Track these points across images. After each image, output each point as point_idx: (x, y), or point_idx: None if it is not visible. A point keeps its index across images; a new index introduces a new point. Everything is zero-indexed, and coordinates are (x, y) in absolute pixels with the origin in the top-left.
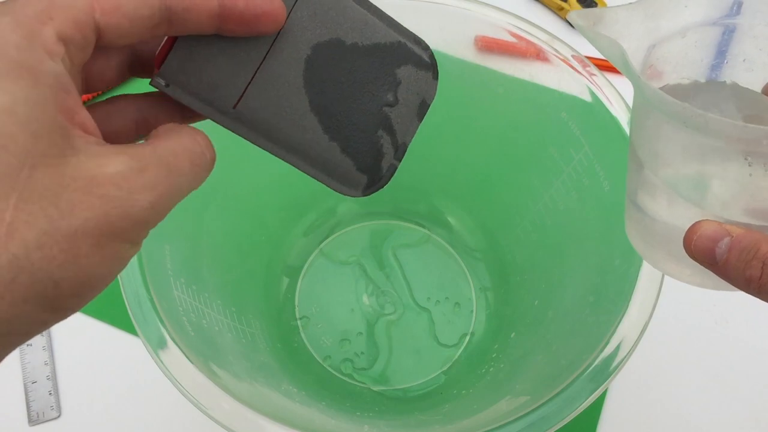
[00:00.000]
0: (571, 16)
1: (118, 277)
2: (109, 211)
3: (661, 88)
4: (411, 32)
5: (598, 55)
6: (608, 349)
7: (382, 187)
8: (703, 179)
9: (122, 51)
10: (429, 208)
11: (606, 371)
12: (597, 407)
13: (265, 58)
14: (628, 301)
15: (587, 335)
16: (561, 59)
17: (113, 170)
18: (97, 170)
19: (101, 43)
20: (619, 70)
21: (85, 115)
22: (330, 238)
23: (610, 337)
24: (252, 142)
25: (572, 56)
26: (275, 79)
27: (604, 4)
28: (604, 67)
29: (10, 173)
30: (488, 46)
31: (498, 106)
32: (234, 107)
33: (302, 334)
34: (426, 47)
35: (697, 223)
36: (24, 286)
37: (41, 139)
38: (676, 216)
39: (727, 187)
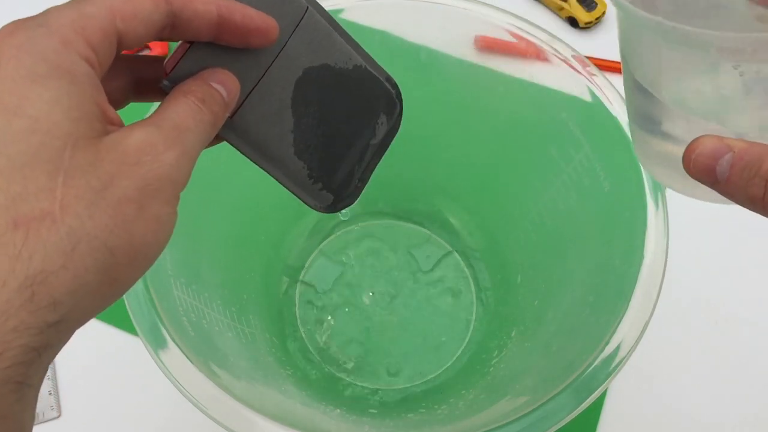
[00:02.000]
0: None
1: None
2: (143, 174)
3: None
4: (384, 71)
5: (598, 55)
6: (608, 349)
7: (348, 206)
8: (701, 93)
9: (126, 74)
10: (429, 208)
11: (606, 371)
12: (597, 407)
13: (263, 76)
14: (628, 301)
15: (587, 335)
16: (561, 59)
17: (138, 138)
18: (125, 141)
19: (119, 47)
20: None
21: (111, 109)
22: (330, 238)
23: (610, 337)
24: (239, 151)
25: (572, 56)
26: (269, 96)
27: (605, 6)
28: (605, 67)
29: (55, 155)
30: (488, 46)
31: (498, 106)
32: (231, 117)
33: (302, 334)
34: (395, 85)
35: (695, 140)
36: (83, 255)
37: (80, 124)
38: (678, 132)
39: (724, 100)
